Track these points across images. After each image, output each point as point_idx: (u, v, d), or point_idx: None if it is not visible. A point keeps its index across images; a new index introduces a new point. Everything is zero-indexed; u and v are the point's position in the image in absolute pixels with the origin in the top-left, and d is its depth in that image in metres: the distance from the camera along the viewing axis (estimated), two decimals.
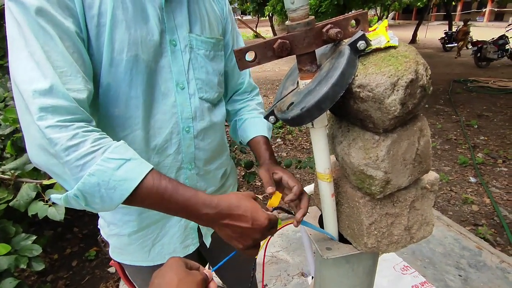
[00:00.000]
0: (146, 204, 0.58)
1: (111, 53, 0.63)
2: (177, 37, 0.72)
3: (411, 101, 0.58)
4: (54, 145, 0.51)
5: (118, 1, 0.62)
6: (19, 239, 1.48)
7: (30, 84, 0.52)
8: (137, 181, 0.54)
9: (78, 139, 0.52)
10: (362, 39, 0.58)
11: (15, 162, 1.31)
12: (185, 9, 0.73)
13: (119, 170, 0.53)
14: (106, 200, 0.54)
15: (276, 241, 2.34)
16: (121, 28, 0.62)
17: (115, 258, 0.90)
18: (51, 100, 0.52)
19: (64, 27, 0.56)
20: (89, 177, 0.52)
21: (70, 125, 0.52)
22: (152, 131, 0.73)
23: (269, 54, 0.61)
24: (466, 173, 3.51)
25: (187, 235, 0.89)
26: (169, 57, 0.71)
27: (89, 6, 0.59)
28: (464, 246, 2.24)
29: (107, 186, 0.53)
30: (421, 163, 0.70)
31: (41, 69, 0.52)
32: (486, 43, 8.80)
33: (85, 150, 0.52)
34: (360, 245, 0.76)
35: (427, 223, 0.80)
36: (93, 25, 0.60)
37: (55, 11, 0.55)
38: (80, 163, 0.52)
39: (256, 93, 1.04)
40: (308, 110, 0.57)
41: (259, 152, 0.88)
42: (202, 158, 0.83)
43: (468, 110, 5.54)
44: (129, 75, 0.65)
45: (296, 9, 0.57)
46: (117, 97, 0.67)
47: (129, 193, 0.54)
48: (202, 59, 0.78)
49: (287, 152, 4.15)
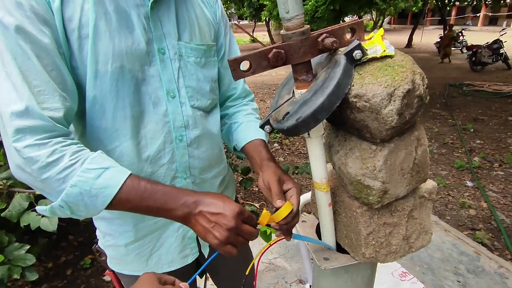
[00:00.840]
0: (128, 206, 0.60)
1: (96, 65, 0.62)
2: (165, 45, 0.71)
3: (408, 111, 0.58)
4: (34, 163, 0.53)
5: (100, 13, 0.61)
6: (12, 249, 1.46)
7: (8, 106, 0.53)
8: (117, 187, 0.57)
9: (57, 155, 0.55)
10: (358, 49, 0.57)
11: (8, 172, 1.30)
12: (173, 16, 0.71)
13: (99, 179, 0.56)
14: (90, 207, 0.57)
15: (273, 248, 2.32)
16: (104, 39, 0.61)
17: (113, 268, 0.88)
18: (27, 121, 0.53)
19: (42, 45, 0.56)
20: (71, 188, 0.55)
21: (48, 142, 0.55)
22: (144, 142, 0.72)
23: (264, 63, 0.60)
24: (463, 177, 3.52)
25: (186, 245, 0.87)
26: (158, 65, 0.70)
27: (69, 19, 0.58)
28: (462, 251, 2.23)
29: (89, 195, 0.56)
30: (419, 172, 0.69)
31: (17, 91, 0.53)
32: (481, 47, 8.89)
33: (64, 164, 0.55)
34: (358, 255, 0.75)
35: (426, 232, 0.79)
36: (74, 37, 0.59)
37: (33, 28, 0.55)
38: (61, 176, 0.55)
39: (251, 99, 1.01)
40: (304, 121, 0.56)
41: (259, 154, 0.83)
42: (197, 167, 0.82)
43: (464, 114, 5.58)
44: (115, 86, 0.64)
45: (291, 18, 0.57)
46: (103, 110, 0.66)
47: (111, 198, 0.57)
48: (193, 66, 0.76)
49: (284, 157, 4.14)
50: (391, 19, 33.68)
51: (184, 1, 0.75)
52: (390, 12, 21.27)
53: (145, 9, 0.66)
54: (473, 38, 11.63)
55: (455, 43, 11.77)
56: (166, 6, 0.70)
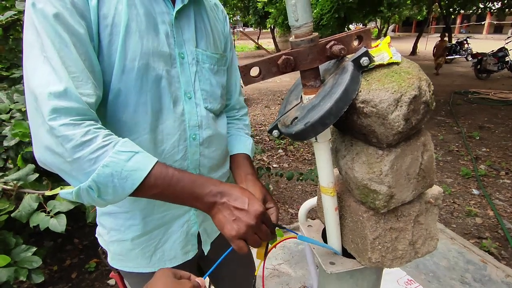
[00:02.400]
0: (155, 191, 0.61)
1: (124, 60, 0.66)
2: (185, 50, 0.77)
3: (415, 116, 0.59)
4: (69, 141, 0.55)
5: (133, 14, 0.66)
6: (19, 251, 1.47)
7: (46, 87, 0.55)
8: (146, 171, 0.59)
9: (91, 135, 0.57)
10: (365, 56, 0.59)
11: (18, 173, 1.32)
12: (192, 26, 0.79)
13: (130, 162, 0.58)
14: (118, 190, 0.58)
15: (278, 254, 2.31)
16: (134, 38, 0.67)
17: (115, 265, 0.89)
18: (64, 102, 0.56)
19: (78, 35, 0.60)
20: (103, 168, 0.56)
21: (82, 123, 0.57)
22: (160, 137, 0.75)
23: (274, 69, 0.62)
24: (468, 185, 3.49)
25: (188, 241, 0.89)
26: (178, 68, 0.76)
27: (104, 16, 0.63)
28: (468, 260, 2.21)
29: (119, 176, 0.57)
30: (425, 178, 0.70)
31: (57, 73, 0.56)
32: (486, 55, 8.88)
33: (98, 145, 0.57)
34: (364, 260, 0.75)
35: (432, 238, 0.79)
36: (106, 33, 0.64)
37: (72, 18, 0.59)
38: (94, 156, 0.56)
39: (245, 113, 1.07)
40: (312, 125, 0.57)
41: (244, 168, 0.91)
42: (206, 166, 0.86)
43: (470, 122, 5.55)
44: (139, 82, 0.69)
45: (300, 26, 0.59)
46: (126, 103, 0.69)
47: (140, 181, 0.58)
48: (207, 72, 0.83)
49: (289, 163, 4.14)
50: (395, 27, 33.78)
51: (201, 14, 0.83)
52: (394, 20, 21.33)
53: (170, 17, 0.73)
54: (478, 46, 11.61)
55: (454, 52, 11.62)
56: (187, 17, 0.77)
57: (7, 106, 1.68)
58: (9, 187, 1.28)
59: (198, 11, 0.81)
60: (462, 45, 12.36)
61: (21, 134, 1.42)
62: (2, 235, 1.46)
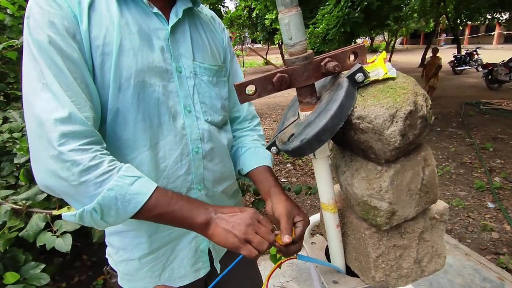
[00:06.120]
0: (155, 213, 0.64)
1: (119, 79, 0.67)
2: (182, 64, 0.78)
3: (412, 132, 0.58)
4: (77, 166, 0.57)
5: (125, 33, 0.68)
6: (28, 268, 1.48)
7: (51, 113, 0.57)
8: (148, 194, 0.62)
9: (98, 160, 0.60)
10: (360, 72, 0.59)
11: (27, 193, 1.34)
12: (188, 39, 0.79)
13: (133, 186, 0.61)
14: (120, 212, 0.61)
15: (286, 271, 2.27)
16: (128, 56, 0.68)
17: (124, 285, 0.88)
18: (70, 127, 0.58)
19: (72, 59, 0.61)
20: (108, 192, 0.59)
21: (90, 148, 0.60)
22: (162, 153, 0.76)
23: (269, 87, 0.63)
24: (483, 198, 3.38)
25: (198, 258, 0.88)
26: (176, 82, 0.76)
27: (95, 38, 0.65)
28: (485, 277, 2.12)
29: (123, 199, 0.60)
30: (428, 193, 0.69)
31: (58, 99, 0.58)
32: (497, 65, 8.77)
33: (104, 169, 0.60)
34: (368, 278, 0.73)
35: (439, 255, 0.76)
36: (98, 53, 0.65)
37: (65, 43, 0.61)
38: (99, 180, 0.59)
39: (257, 123, 1.05)
40: (308, 142, 0.57)
41: (266, 181, 0.87)
42: (210, 179, 0.85)
43: (482, 133, 5.43)
44: (136, 99, 0.70)
45: (294, 44, 0.59)
46: (125, 121, 0.70)
47: (142, 204, 0.61)
48: (206, 84, 0.83)
49: (297, 178, 4.11)
50: (403, 40, 33.83)
51: (196, 27, 0.83)
52: (402, 33, 21.36)
53: (165, 32, 0.74)
54: (488, 56, 11.49)
55: (464, 63, 11.39)
56: (182, 30, 0.79)
57: (19, 125, 1.73)
58: (18, 206, 1.30)
59: (193, 24, 0.82)
60: (472, 56, 12.26)
61: (26, 149, 1.45)
62: (12, 252, 1.47)
